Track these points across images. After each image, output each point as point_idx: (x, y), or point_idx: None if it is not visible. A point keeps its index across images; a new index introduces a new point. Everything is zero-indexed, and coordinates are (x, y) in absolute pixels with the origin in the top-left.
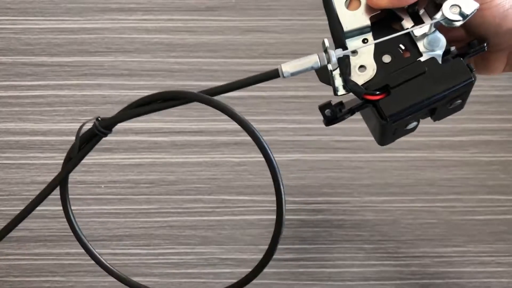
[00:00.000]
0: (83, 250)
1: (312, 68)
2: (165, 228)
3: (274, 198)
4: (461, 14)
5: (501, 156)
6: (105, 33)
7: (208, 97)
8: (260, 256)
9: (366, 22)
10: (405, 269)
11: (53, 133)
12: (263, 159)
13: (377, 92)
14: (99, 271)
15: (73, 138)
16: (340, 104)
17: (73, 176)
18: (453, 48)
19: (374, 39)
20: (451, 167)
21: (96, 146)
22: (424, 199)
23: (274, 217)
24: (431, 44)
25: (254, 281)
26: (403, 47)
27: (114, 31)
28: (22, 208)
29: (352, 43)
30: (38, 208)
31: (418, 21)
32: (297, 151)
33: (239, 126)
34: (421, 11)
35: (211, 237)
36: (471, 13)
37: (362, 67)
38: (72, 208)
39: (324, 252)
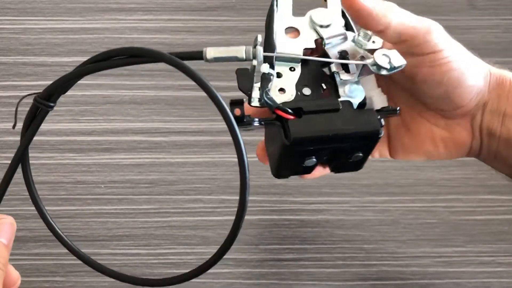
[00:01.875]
0: (83, 250)
1: (236, 58)
2: (165, 228)
3: (274, 198)
4: (390, 64)
5: None
6: (105, 33)
7: (175, 59)
8: (260, 256)
9: (300, 52)
10: (405, 269)
11: (53, 133)
12: None
13: (290, 111)
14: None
15: (73, 138)
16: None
17: (73, 176)
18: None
19: (301, 71)
20: (451, 167)
21: (96, 146)
22: (424, 199)
23: (274, 217)
24: (351, 92)
25: (255, 281)
26: (324, 87)
27: (114, 31)
28: (22, 208)
29: (280, 67)
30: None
31: (346, 66)
32: None
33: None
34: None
35: (211, 237)
36: (398, 67)
37: (282, 89)
38: (73, 208)
39: (324, 252)
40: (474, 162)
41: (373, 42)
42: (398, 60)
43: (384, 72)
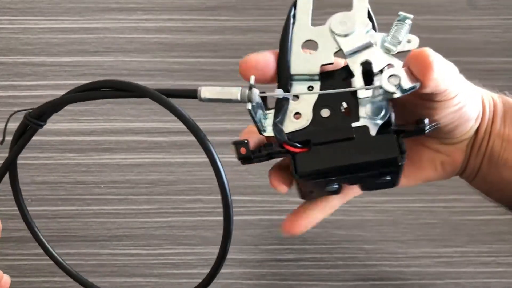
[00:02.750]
0: (83, 250)
1: (230, 101)
2: (165, 228)
3: (274, 198)
4: (399, 86)
5: None
6: (105, 33)
7: (159, 95)
8: (260, 256)
9: (316, 70)
10: (405, 269)
11: (52, 133)
12: None
13: (298, 145)
14: (99, 271)
15: (73, 138)
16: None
17: (72, 176)
18: (393, 123)
19: (321, 89)
20: None
21: (96, 146)
22: (424, 199)
23: (274, 217)
24: (372, 111)
25: (255, 281)
26: (345, 106)
27: (114, 31)
28: None
29: (298, 87)
30: (37, 208)
31: (368, 82)
32: None
33: (239, 126)
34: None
35: (211, 237)
36: (409, 89)
37: (297, 114)
38: (72, 208)
39: (324, 252)
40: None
41: (409, 41)
42: (409, 81)
43: (396, 96)
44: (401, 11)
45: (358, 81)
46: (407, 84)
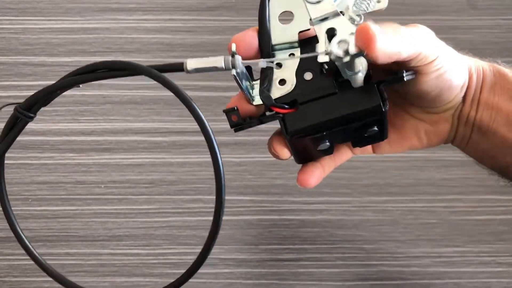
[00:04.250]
0: (83, 250)
1: (216, 68)
2: (165, 228)
3: (274, 198)
4: (347, 51)
5: None
6: (105, 33)
7: (158, 74)
8: (260, 256)
9: (295, 37)
10: (405, 269)
11: (53, 133)
12: (263, 159)
13: (286, 106)
14: (100, 271)
15: (73, 138)
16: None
17: (72, 176)
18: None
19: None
20: (451, 167)
21: (96, 146)
22: (424, 199)
23: (274, 217)
24: (350, 68)
25: (255, 281)
26: (326, 67)
27: (114, 31)
28: (22, 208)
29: (280, 56)
30: (38, 208)
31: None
32: None
33: None
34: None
35: None
36: (356, 54)
37: (282, 81)
38: (73, 208)
39: (324, 252)
40: (474, 162)
41: (378, 1)
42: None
43: (345, 60)
44: (400, 10)
45: (321, 46)
46: (354, 49)
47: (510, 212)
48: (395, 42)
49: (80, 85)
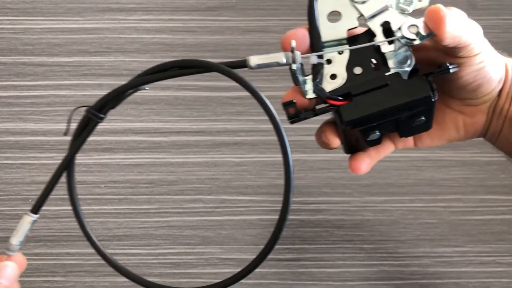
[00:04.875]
0: (84, 250)
1: (277, 64)
2: (165, 228)
3: (274, 198)
4: (418, 33)
5: (501, 156)
6: (105, 33)
7: (230, 71)
8: None
9: (343, 35)
10: (405, 269)
11: (53, 133)
12: (263, 159)
13: (340, 98)
14: (99, 271)
15: None
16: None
17: None
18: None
19: (350, 51)
20: (451, 167)
21: (96, 146)
22: (424, 199)
23: (274, 217)
24: (399, 61)
25: (255, 281)
26: (374, 62)
27: (114, 31)
28: (22, 208)
29: (329, 54)
30: None
31: (390, 37)
32: (297, 151)
33: (239, 126)
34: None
35: (211, 237)
36: (427, 35)
37: (333, 75)
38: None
39: (324, 252)
40: (474, 162)
41: (420, 0)
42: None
43: (416, 43)
44: None
45: (380, 39)
46: (425, 31)
47: (510, 212)
48: (460, 26)
49: (147, 88)
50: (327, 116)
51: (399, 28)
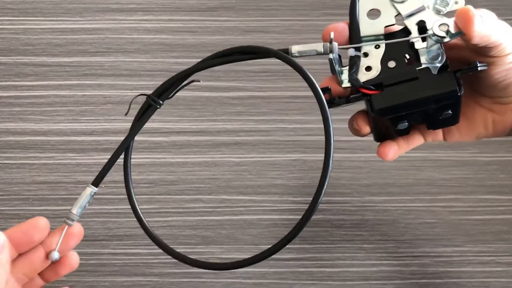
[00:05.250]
0: (84, 250)
1: (316, 52)
2: (165, 228)
3: (273, 198)
4: (448, 31)
5: (500, 156)
6: (106, 33)
7: (285, 55)
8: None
9: (381, 31)
10: (405, 268)
11: (53, 133)
12: (262, 159)
13: (372, 88)
14: (100, 271)
15: (74, 138)
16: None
17: (73, 176)
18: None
19: (386, 46)
20: (451, 167)
21: (97, 146)
22: (423, 199)
23: (274, 216)
24: (431, 58)
25: (255, 281)
26: (408, 57)
27: (114, 32)
28: (22, 208)
29: (366, 47)
30: (38, 208)
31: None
32: (297, 151)
33: (239, 126)
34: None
35: (211, 237)
36: (456, 33)
37: (368, 67)
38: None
39: (324, 252)
40: (473, 162)
41: (456, 2)
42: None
43: (446, 40)
44: None
45: (414, 35)
46: (454, 29)
47: (510, 212)
48: (489, 26)
49: (200, 81)
50: (359, 106)
51: (431, 27)
